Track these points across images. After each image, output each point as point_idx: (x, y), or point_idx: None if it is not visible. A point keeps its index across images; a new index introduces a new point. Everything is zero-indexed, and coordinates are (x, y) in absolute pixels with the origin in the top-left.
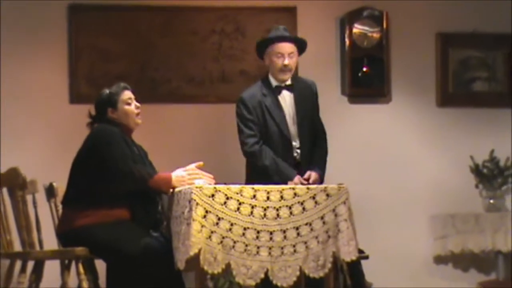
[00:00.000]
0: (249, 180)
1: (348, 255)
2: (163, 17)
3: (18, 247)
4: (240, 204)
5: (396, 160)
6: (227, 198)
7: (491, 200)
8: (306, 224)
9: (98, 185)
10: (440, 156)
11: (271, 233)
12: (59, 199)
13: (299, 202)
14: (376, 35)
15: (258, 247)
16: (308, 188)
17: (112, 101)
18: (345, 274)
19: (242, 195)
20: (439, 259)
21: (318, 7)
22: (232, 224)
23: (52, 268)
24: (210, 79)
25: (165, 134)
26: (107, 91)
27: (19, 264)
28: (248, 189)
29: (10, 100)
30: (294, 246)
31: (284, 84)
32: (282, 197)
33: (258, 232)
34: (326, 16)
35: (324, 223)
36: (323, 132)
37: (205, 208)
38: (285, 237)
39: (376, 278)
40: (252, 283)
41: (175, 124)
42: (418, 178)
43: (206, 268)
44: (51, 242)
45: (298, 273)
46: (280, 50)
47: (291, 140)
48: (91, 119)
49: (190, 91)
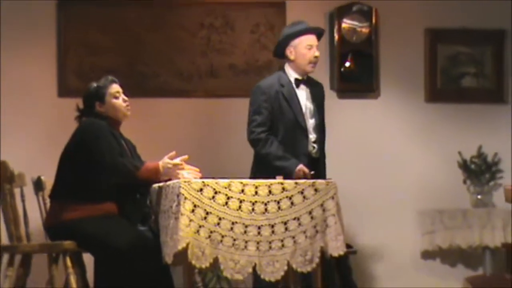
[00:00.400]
0: (253, 174)
1: (336, 250)
2: (152, 11)
3: (5, 240)
4: (228, 198)
5: (384, 155)
6: (216, 193)
7: (479, 196)
8: (294, 219)
9: (86, 179)
10: (428, 152)
11: (259, 227)
12: (47, 192)
13: (287, 197)
14: (365, 30)
15: (246, 242)
16: (296, 183)
17: (100, 94)
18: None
19: (230, 190)
20: (427, 255)
21: (307, 2)
22: (220, 219)
23: (39, 261)
24: (198, 74)
25: (153, 129)
26: (95, 85)
27: (6, 257)
28: (237, 183)
29: None
30: (282, 240)
31: (302, 78)
32: (270, 191)
33: (246, 226)
34: (315, 11)
35: (312, 218)
36: (324, 135)
37: (193, 202)
38: (273, 231)
39: (364, 273)
40: (240, 277)
41: (164, 118)
42: (406, 173)
43: (194, 262)
44: (39, 236)
45: (286, 267)
46: (310, 42)
47: (308, 132)
48: (79, 112)
49: (179, 85)
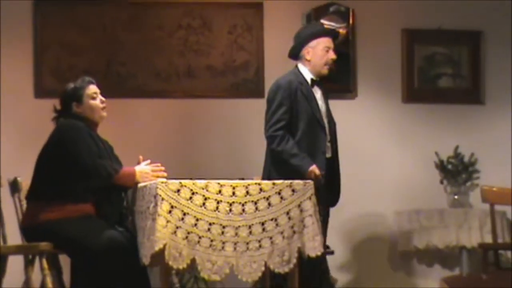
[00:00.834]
0: (267, 174)
1: (313, 250)
2: (130, 11)
3: None
4: (205, 199)
5: (361, 156)
6: (193, 193)
7: (456, 196)
8: (272, 219)
9: (64, 180)
10: (405, 152)
11: (237, 228)
12: (24, 193)
13: (264, 198)
14: (342, 31)
15: (224, 243)
16: (273, 184)
17: (77, 95)
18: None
19: (207, 190)
20: (404, 255)
21: (284, 2)
22: (197, 220)
23: (15, 263)
24: (176, 74)
25: (131, 129)
26: (72, 85)
27: None
28: (214, 184)
29: None
30: (260, 241)
31: (316, 78)
32: (247, 192)
33: (224, 227)
34: (293, 11)
35: (289, 218)
36: (336, 136)
37: (170, 203)
38: (250, 232)
39: (341, 273)
40: (217, 278)
41: (141, 119)
42: (383, 173)
43: (171, 263)
44: (15, 237)
45: (263, 268)
46: (328, 44)
47: (326, 131)
48: (56, 113)
49: (156, 86)
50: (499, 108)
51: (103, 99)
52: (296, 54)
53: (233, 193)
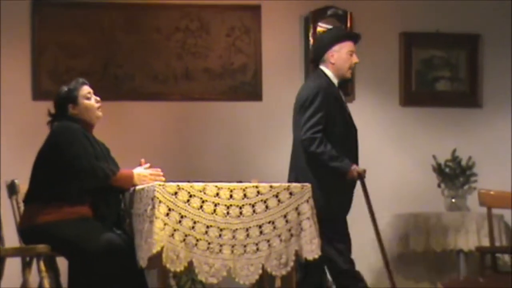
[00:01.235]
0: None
1: (310, 253)
2: (127, 14)
3: None
4: (203, 202)
5: (359, 159)
6: (190, 196)
7: (453, 199)
8: (269, 222)
9: (60, 182)
10: (403, 155)
11: (234, 231)
12: (21, 196)
13: (262, 201)
14: None
15: (221, 245)
16: (271, 187)
17: (72, 97)
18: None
19: (205, 193)
20: (402, 258)
21: (282, 5)
22: (195, 222)
23: (13, 265)
24: (174, 77)
25: (128, 131)
26: (66, 88)
27: None
28: (212, 187)
29: None
30: (257, 244)
31: (339, 82)
32: (245, 195)
33: (221, 230)
34: (290, 14)
35: (287, 221)
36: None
37: (168, 206)
38: (248, 235)
39: None
40: (214, 280)
41: (139, 121)
42: (381, 177)
43: (168, 266)
44: (12, 239)
45: (261, 271)
46: (352, 48)
47: (357, 135)
48: (51, 117)
49: (154, 88)
50: (497, 111)
51: (98, 98)
52: (319, 57)
53: (230, 195)
